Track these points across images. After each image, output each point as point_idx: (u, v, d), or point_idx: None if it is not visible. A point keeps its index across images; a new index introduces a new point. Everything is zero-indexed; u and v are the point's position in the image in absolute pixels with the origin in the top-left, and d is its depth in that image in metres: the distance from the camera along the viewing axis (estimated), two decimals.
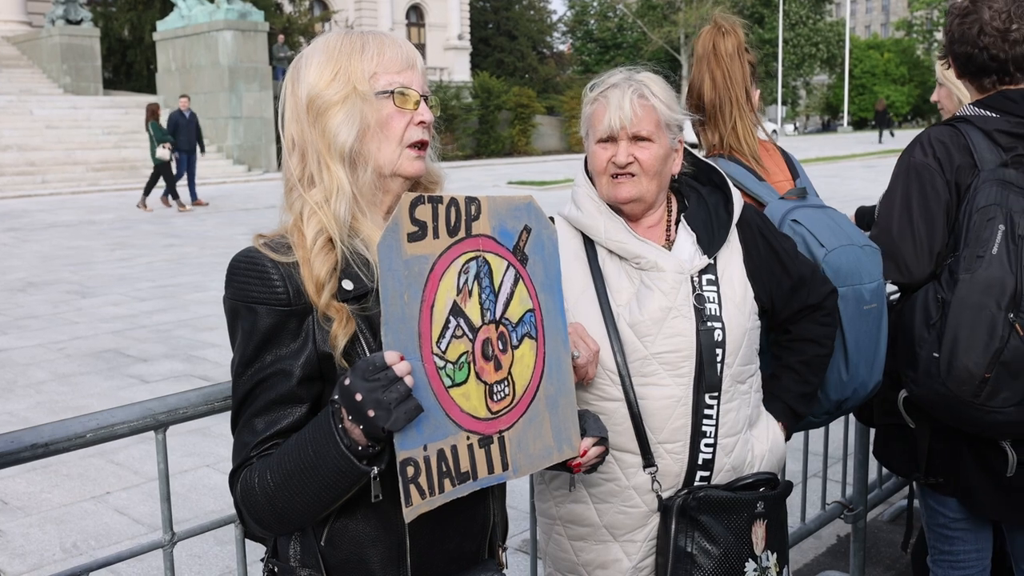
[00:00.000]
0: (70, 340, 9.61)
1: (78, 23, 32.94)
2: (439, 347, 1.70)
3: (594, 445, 2.01)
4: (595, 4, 71.46)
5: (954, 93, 3.96)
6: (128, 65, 36.77)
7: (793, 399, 2.63)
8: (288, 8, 38.69)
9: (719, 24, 3.08)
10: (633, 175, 2.36)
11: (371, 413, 1.58)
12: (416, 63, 1.91)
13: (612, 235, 2.39)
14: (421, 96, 1.90)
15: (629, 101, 2.32)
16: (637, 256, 2.38)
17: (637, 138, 2.34)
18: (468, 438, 1.76)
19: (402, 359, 1.62)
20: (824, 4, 71.07)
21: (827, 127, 69.56)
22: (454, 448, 1.73)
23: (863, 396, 2.88)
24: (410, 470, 1.64)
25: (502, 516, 2.11)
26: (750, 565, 2.37)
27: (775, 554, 2.45)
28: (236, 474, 1.80)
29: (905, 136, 53.84)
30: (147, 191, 22.20)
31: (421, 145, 1.90)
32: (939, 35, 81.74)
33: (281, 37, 34.22)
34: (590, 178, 2.49)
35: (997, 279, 2.61)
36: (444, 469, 1.71)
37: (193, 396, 2.03)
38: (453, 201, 1.75)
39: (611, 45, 68.90)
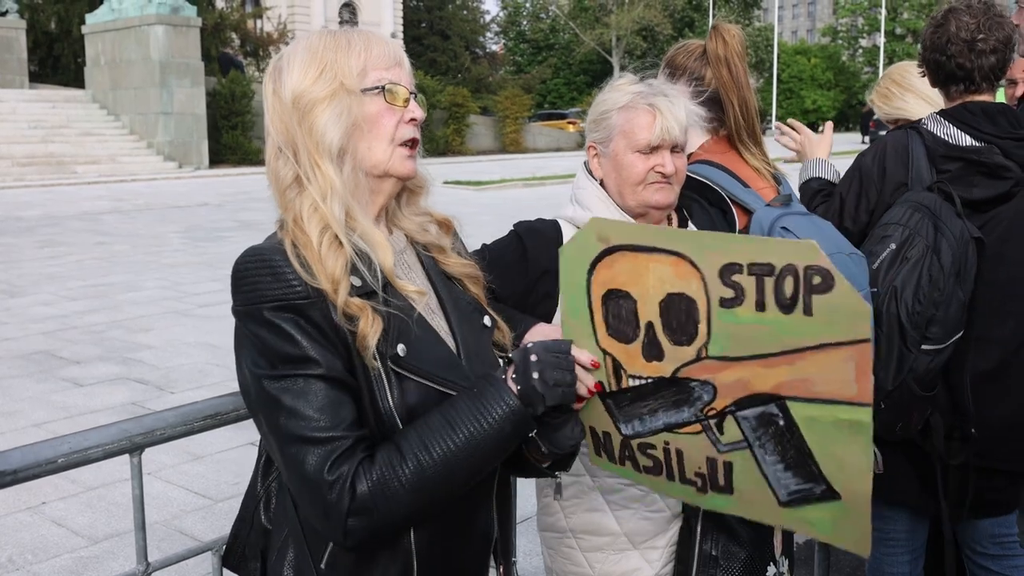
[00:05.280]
0: None
1: (3, 14, 32.05)
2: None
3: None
4: (528, 5, 71.77)
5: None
6: (55, 58, 35.81)
7: None
8: (220, 3, 38.05)
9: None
10: (671, 183, 2.37)
11: (535, 376, 1.68)
12: (404, 61, 1.86)
13: None
14: (411, 93, 1.84)
15: (682, 111, 2.33)
16: None
17: (674, 147, 2.35)
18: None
19: (594, 363, 1.79)
20: (753, 9, 72.15)
21: None
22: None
23: None
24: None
25: (513, 531, 2.05)
26: (771, 569, 2.37)
27: (787, 560, 2.45)
28: (336, 478, 1.59)
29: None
30: None
31: (412, 144, 1.85)
32: (864, 42, 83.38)
33: None
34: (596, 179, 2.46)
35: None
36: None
37: (170, 416, 1.88)
38: None
39: (543, 46, 69.16)
